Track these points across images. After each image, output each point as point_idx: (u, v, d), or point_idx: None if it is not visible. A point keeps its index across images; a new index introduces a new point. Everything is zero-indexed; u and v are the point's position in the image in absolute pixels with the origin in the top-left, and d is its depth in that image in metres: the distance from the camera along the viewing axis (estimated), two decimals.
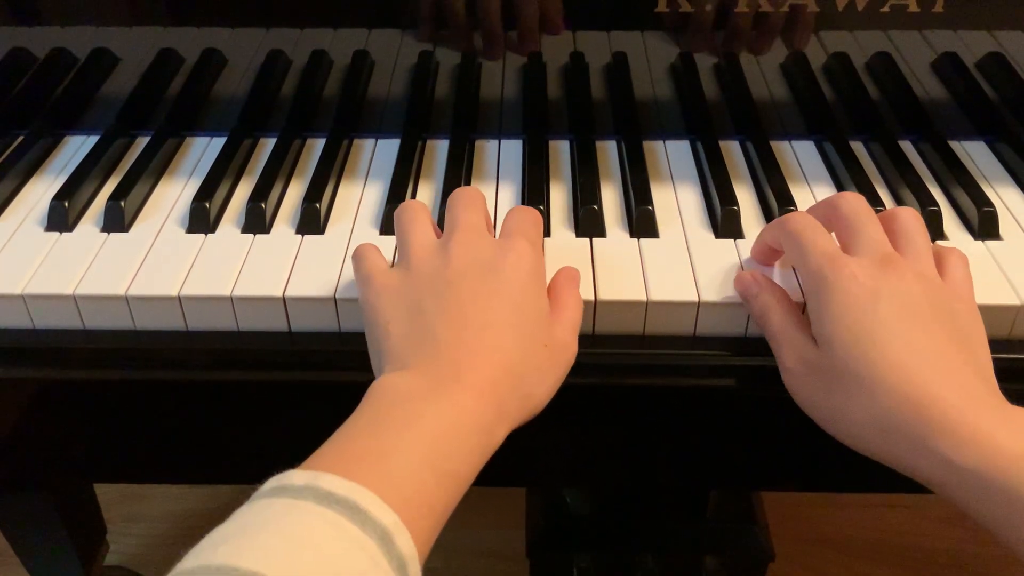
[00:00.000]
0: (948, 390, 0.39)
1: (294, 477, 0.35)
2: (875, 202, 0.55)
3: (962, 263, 0.46)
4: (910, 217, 0.46)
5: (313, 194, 0.56)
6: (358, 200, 0.58)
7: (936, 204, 0.55)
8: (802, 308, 0.47)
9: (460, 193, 0.49)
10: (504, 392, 0.41)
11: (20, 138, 0.64)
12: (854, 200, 0.47)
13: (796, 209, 0.54)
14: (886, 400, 0.40)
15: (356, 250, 0.48)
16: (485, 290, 0.43)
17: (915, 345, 0.40)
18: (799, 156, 0.62)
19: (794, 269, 0.50)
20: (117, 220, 0.55)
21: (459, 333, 0.41)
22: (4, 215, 0.57)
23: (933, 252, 0.46)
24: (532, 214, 0.48)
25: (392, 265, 0.47)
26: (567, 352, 0.45)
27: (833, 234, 0.47)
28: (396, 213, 0.49)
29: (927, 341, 0.41)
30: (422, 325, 0.42)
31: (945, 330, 0.41)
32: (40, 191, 0.59)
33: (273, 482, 0.35)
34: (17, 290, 0.49)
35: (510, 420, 0.41)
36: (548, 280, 0.48)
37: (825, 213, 0.47)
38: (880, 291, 0.41)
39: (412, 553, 0.34)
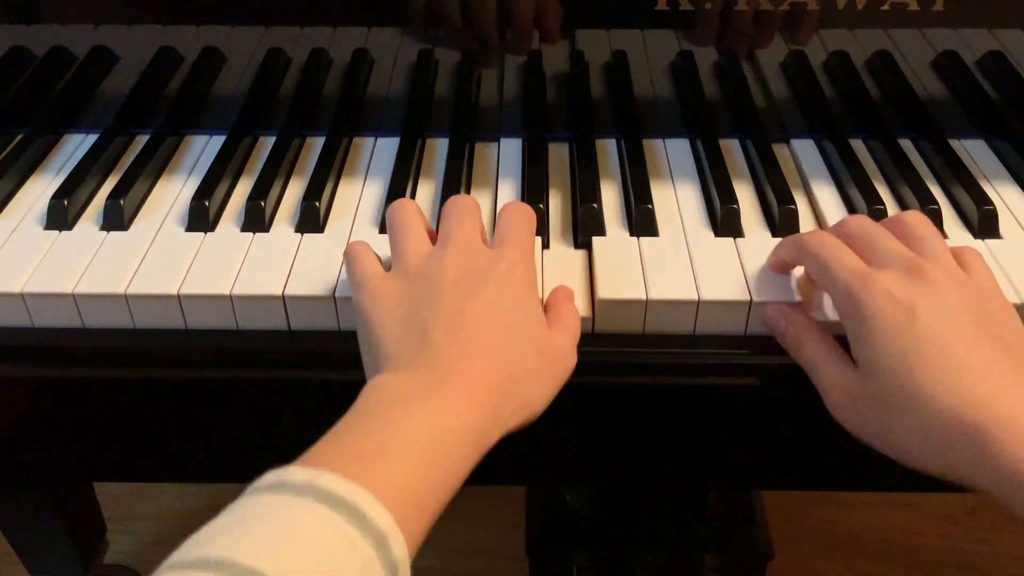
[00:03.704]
0: (1002, 401, 0.38)
1: (294, 474, 0.34)
2: (875, 201, 0.55)
3: (980, 259, 0.46)
4: (919, 220, 0.46)
5: (313, 192, 0.56)
6: (358, 199, 0.58)
7: (936, 203, 0.55)
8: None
9: (454, 203, 0.49)
10: (498, 396, 0.41)
11: (19, 136, 0.64)
12: (859, 219, 0.46)
13: (795, 208, 0.54)
14: (940, 421, 0.39)
15: (347, 249, 0.48)
16: (478, 298, 0.43)
17: (961, 359, 0.39)
18: (799, 154, 0.62)
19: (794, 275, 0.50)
20: (116, 218, 0.55)
21: (453, 338, 0.42)
22: (3, 213, 0.57)
23: None
24: (525, 215, 0.49)
25: (382, 264, 0.48)
26: (566, 360, 0.45)
27: None
28: (388, 214, 0.49)
29: (972, 352, 0.40)
30: (417, 330, 0.42)
31: (987, 335, 0.41)
32: (39, 189, 0.59)
33: (272, 477, 0.35)
34: (16, 288, 0.49)
35: (503, 424, 0.41)
36: (543, 294, 0.48)
37: (837, 235, 0.47)
38: (916, 306, 0.40)
39: (404, 558, 0.34)
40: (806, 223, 0.55)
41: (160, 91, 0.63)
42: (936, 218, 0.54)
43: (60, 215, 0.55)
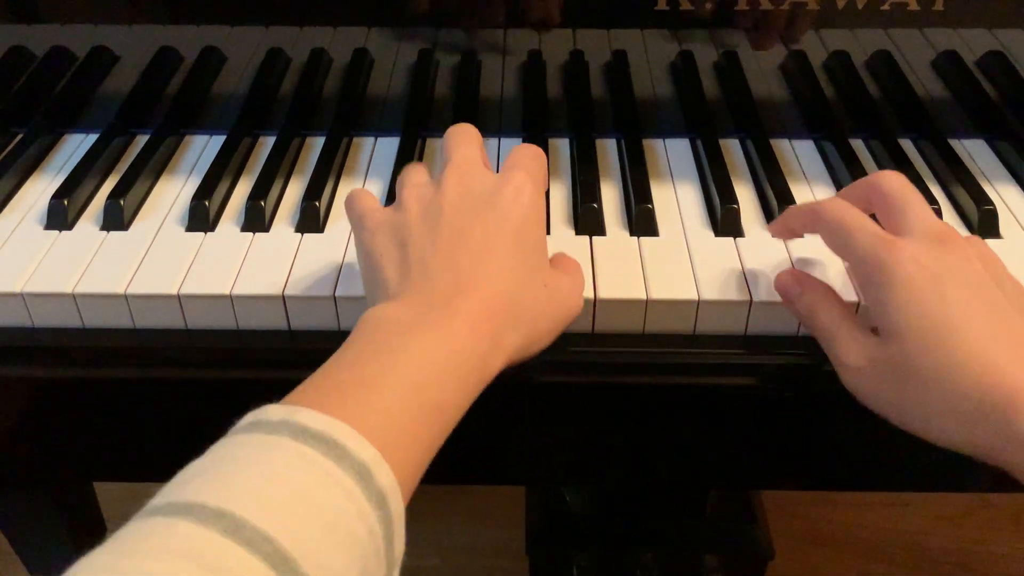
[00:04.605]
0: None
1: (270, 412, 0.34)
2: None
3: (989, 248, 0.45)
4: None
5: (313, 192, 0.56)
6: None
7: (936, 202, 0.55)
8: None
9: (455, 129, 0.47)
10: (500, 323, 0.39)
11: (19, 136, 0.64)
12: (895, 177, 0.45)
13: None
14: (968, 388, 0.38)
15: (348, 195, 0.47)
16: (481, 221, 0.41)
17: (990, 327, 0.39)
18: (799, 154, 0.62)
19: (791, 266, 0.50)
20: (116, 218, 0.55)
21: (453, 262, 0.40)
22: (3, 213, 0.57)
23: None
24: (535, 150, 0.47)
25: None
26: (571, 300, 0.44)
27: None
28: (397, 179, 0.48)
29: (1001, 321, 0.39)
30: (414, 256, 0.41)
31: (1014, 307, 0.40)
32: (39, 189, 0.59)
33: (250, 417, 0.34)
34: (16, 288, 0.49)
35: (506, 353, 0.40)
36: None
37: (862, 194, 0.45)
38: (943, 273, 0.40)
39: (393, 487, 0.33)
40: None
41: (160, 91, 0.63)
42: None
43: (60, 215, 0.55)
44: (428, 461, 0.36)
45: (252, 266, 0.51)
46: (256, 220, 0.55)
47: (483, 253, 0.41)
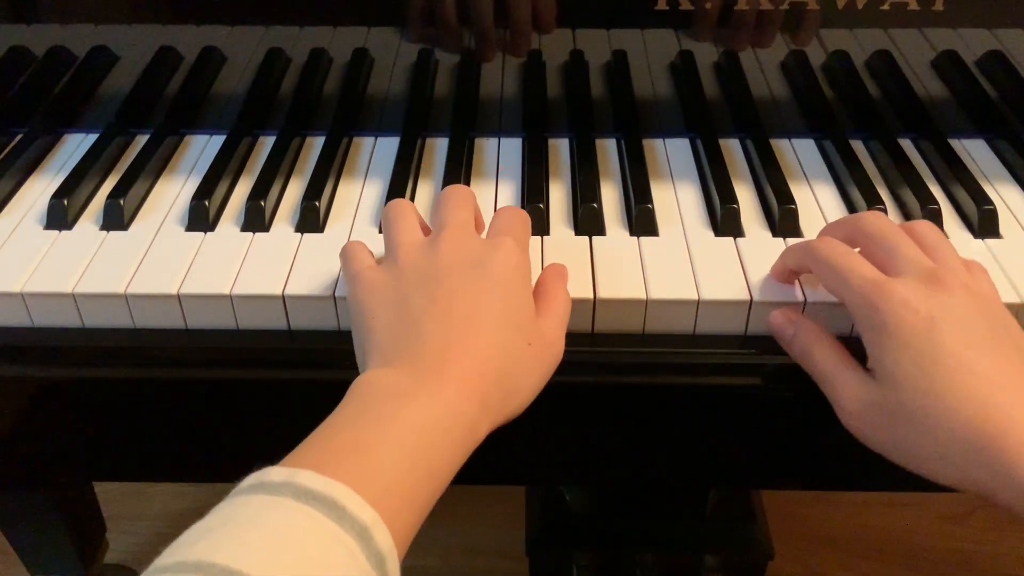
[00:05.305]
0: (1022, 412, 0.38)
1: (272, 474, 0.35)
2: (875, 201, 0.55)
3: (986, 272, 0.46)
4: (930, 230, 0.46)
5: (312, 192, 0.56)
6: (357, 198, 0.58)
7: (936, 202, 0.55)
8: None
9: (450, 191, 0.49)
10: (488, 388, 0.41)
11: (19, 136, 0.64)
12: (877, 218, 0.46)
13: (795, 207, 0.54)
14: (961, 432, 0.39)
15: (343, 248, 0.48)
16: (471, 286, 0.43)
17: (982, 369, 0.39)
18: (799, 154, 0.62)
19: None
20: (116, 218, 0.55)
21: (444, 328, 0.41)
22: (3, 213, 0.57)
23: None
24: (521, 214, 0.48)
25: (379, 262, 0.47)
26: (553, 349, 0.45)
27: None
28: (384, 211, 0.49)
29: (992, 362, 0.40)
30: (407, 320, 0.42)
31: (1005, 345, 0.41)
32: (39, 189, 0.59)
33: (252, 479, 0.35)
34: (16, 288, 0.49)
35: (493, 416, 0.41)
36: (535, 280, 0.48)
37: (847, 232, 0.47)
38: (935, 315, 0.40)
39: (391, 548, 0.34)
40: (806, 223, 0.55)
41: (160, 91, 0.63)
42: (936, 218, 0.54)
43: (60, 215, 0.55)
44: (419, 524, 0.37)
45: (252, 266, 0.51)
46: (256, 220, 0.55)
47: (473, 319, 0.42)
